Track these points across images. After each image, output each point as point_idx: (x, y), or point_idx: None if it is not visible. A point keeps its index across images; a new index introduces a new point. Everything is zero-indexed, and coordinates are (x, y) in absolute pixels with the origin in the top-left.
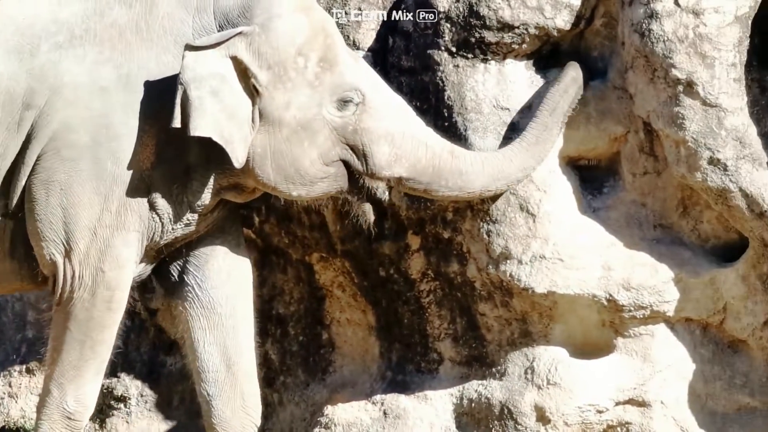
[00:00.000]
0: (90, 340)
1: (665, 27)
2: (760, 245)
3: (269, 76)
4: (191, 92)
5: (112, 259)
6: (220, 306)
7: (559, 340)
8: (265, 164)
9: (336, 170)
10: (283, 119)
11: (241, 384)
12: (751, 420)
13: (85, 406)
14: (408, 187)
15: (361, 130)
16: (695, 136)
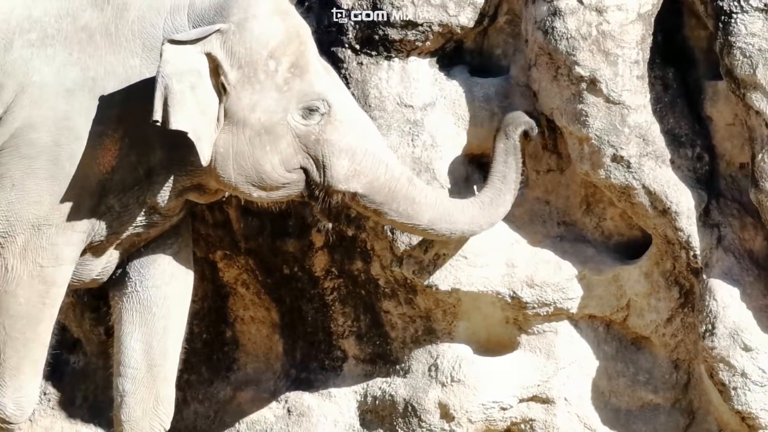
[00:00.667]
0: (23, 338)
1: (568, 24)
2: (663, 242)
3: (239, 75)
4: (174, 85)
5: (52, 256)
6: (156, 306)
7: (463, 337)
8: (227, 164)
9: (297, 177)
10: (248, 120)
11: (158, 387)
12: (654, 416)
13: (23, 410)
14: (360, 205)
15: (323, 141)
16: (598, 134)
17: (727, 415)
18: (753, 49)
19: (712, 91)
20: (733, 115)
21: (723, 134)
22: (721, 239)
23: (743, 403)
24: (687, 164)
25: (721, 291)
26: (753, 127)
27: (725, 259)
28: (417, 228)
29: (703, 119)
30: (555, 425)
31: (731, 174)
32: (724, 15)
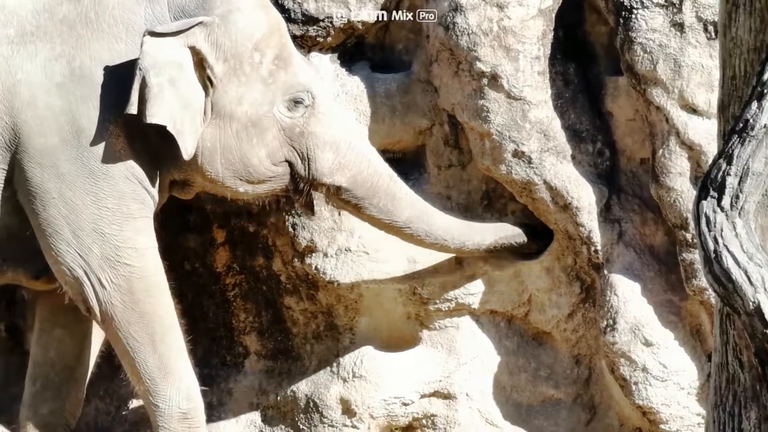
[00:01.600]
0: (156, 335)
1: (470, 20)
2: (564, 237)
3: (225, 68)
4: (151, 79)
5: (131, 251)
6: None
7: (365, 333)
8: (215, 159)
9: (283, 170)
10: (235, 114)
11: (69, 388)
12: (555, 411)
13: (195, 400)
14: (342, 199)
15: (308, 133)
16: (500, 129)
17: (628, 410)
18: (653, 44)
19: (612, 87)
20: (634, 110)
21: (624, 130)
22: (621, 234)
23: (644, 397)
24: (588, 160)
25: (622, 286)
26: (653, 122)
27: (626, 255)
28: (394, 225)
29: (604, 115)
30: (456, 420)
31: (632, 169)
32: (624, 11)
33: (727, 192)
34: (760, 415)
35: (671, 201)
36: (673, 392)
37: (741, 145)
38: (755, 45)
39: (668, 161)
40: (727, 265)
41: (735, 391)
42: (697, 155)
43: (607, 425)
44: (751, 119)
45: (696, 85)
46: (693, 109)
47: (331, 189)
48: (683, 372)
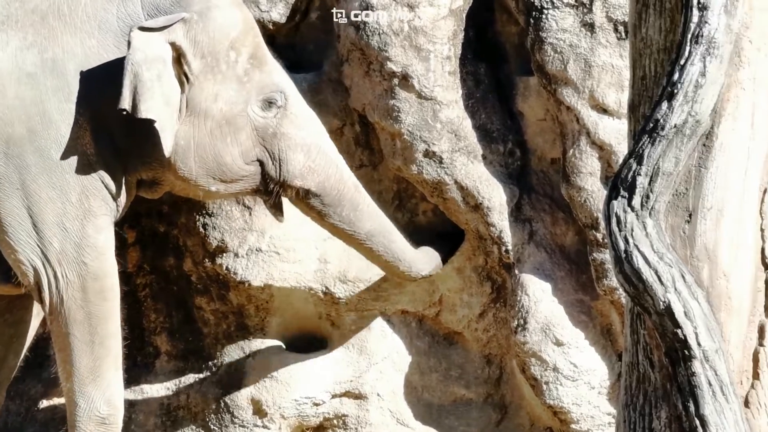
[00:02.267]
0: (97, 338)
1: (380, 20)
2: (475, 237)
3: (202, 65)
4: (144, 73)
5: (91, 249)
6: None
7: (276, 333)
8: (188, 156)
9: (255, 170)
10: (210, 111)
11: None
12: (466, 411)
13: (116, 407)
14: (308, 204)
15: (280, 134)
16: (411, 129)
17: (539, 410)
18: (564, 44)
19: (523, 87)
20: (545, 110)
21: (534, 130)
22: (532, 234)
23: (555, 397)
24: (499, 160)
25: (533, 286)
26: (564, 122)
27: (537, 254)
28: (355, 236)
29: (515, 115)
30: (368, 420)
31: (543, 169)
32: (535, 11)
33: (637, 192)
34: (670, 414)
35: (582, 201)
36: (584, 392)
37: (651, 145)
38: (665, 45)
39: (579, 161)
40: (637, 265)
41: (646, 391)
42: (607, 155)
43: (517, 425)
44: (661, 119)
45: (606, 85)
46: (603, 109)
47: (300, 192)
48: (594, 371)
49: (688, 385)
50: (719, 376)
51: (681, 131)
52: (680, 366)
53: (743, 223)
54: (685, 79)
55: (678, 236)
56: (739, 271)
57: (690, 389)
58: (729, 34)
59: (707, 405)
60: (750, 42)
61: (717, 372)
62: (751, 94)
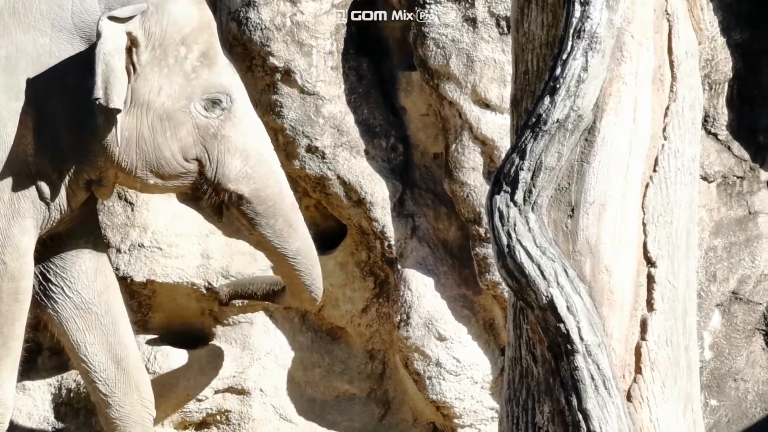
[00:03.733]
0: (1, 337)
1: (262, 15)
2: (358, 232)
3: (150, 57)
4: (116, 63)
5: (13, 249)
6: (94, 305)
7: (159, 329)
8: (131, 148)
9: (194, 168)
10: (152, 104)
11: (134, 377)
12: (350, 406)
13: (5, 407)
14: (241, 210)
15: (221, 136)
16: (293, 124)
17: (422, 405)
18: (446, 39)
19: (406, 82)
20: (427, 105)
21: (417, 125)
22: (415, 229)
23: (438, 392)
24: (381, 155)
25: (416, 281)
26: (447, 117)
27: (420, 249)
28: (283, 253)
29: (398, 110)
30: (251, 416)
31: (425, 164)
32: (417, 6)
33: (520, 186)
34: (553, 408)
35: (464, 196)
36: (467, 386)
37: (534, 139)
38: (547, 40)
39: (461, 156)
40: (520, 260)
41: (528, 385)
42: (490, 150)
43: (400, 420)
44: (543, 114)
45: (489, 80)
46: (486, 104)
47: (233, 197)
48: (477, 366)
49: (570, 379)
50: (602, 370)
51: (563, 126)
52: (563, 360)
53: (625, 218)
54: (567, 74)
55: (560, 231)
56: (621, 265)
57: (573, 383)
58: (611, 29)
59: (590, 399)
60: (632, 37)
61: (599, 366)
62: (633, 88)
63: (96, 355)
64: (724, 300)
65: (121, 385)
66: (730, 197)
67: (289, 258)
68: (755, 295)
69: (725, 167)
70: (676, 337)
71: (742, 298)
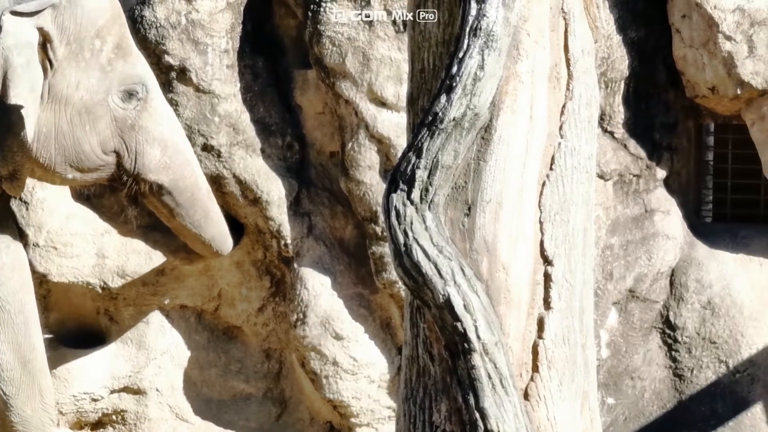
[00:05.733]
0: None
1: (158, 13)
2: (254, 231)
3: (66, 52)
4: (14, 58)
5: None
6: (8, 303)
7: (54, 328)
8: (49, 144)
9: (112, 160)
10: (71, 98)
11: (39, 381)
12: (246, 406)
13: None
14: (160, 200)
15: (138, 127)
16: (189, 123)
17: (318, 404)
18: (342, 38)
19: (301, 80)
20: (323, 103)
21: (313, 123)
22: (312, 228)
23: (335, 391)
24: (277, 153)
25: (313, 280)
26: (343, 115)
27: (316, 248)
28: (198, 239)
29: (294, 108)
30: (147, 416)
31: (321, 163)
32: (313, 4)
33: (416, 185)
34: (450, 407)
35: (360, 194)
36: (364, 385)
37: (430, 138)
38: (444, 38)
39: (357, 154)
40: (416, 258)
41: (426, 384)
42: (386, 148)
43: (297, 419)
44: (440, 112)
45: (385, 78)
46: (382, 102)
47: (153, 187)
48: (374, 365)
49: (467, 378)
50: (498, 368)
51: (460, 124)
52: (460, 359)
53: (522, 216)
54: (463, 72)
55: (457, 229)
56: (518, 263)
57: (470, 382)
58: (507, 26)
59: (487, 398)
60: (528, 35)
61: (496, 365)
62: (529, 86)
63: (4, 353)
64: (620, 298)
65: (25, 388)
66: (626, 195)
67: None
68: (652, 293)
69: (622, 165)
70: (573, 335)
71: (638, 296)
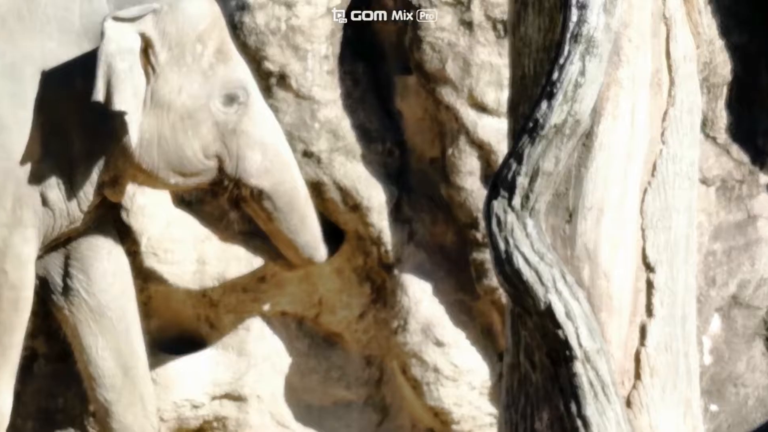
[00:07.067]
0: (0, 346)
1: (257, 19)
2: (354, 238)
3: (168, 57)
4: (117, 64)
5: (14, 258)
6: (110, 309)
7: (155, 335)
8: (152, 149)
9: (214, 164)
10: (173, 104)
11: (140, 388)
12: (347, 413)
13: (2, 415)
14: (259, 205)
15: (239, 131)
16: (289, 129)
17: (420, 411)
18: (442, 43)
19: (402, 86)
20: (424, 109)
21: (414, 129)
22: (412, 234)
23: (436, 398)
24: (378, 159)
25: (413, 286)
26: (443, 121)
27: (417, 255)
28: (291, 244)
29: (394, 114)
30: (248, 423)
31: (422, 169)
32: (413, 9)
33: (517, 192)
34: (552, 415)
35: (461, 200)
36: (465, 392)
37: (531, 144)
38: (544, 44)
39: (458, 160)
40: (518, 266)
41: (527, 392)
42: (487, 154)
43: (398, 426)
44: (540, 119)
45: (485, 83)
46: (482, 107)
47: (253, 192)
48: (475, 372)
49: (569, 385)
50: (600, 376)
51: (561, 131)
52: (561, 366)
53: (623, 223)
54: (564, 79)
55: (558, 236)
56: (620, 270)
57: (571, 390)
58: (608, 32)
59: (589, 406)
60: (629, 40)
61: (598, 372)
62: (630, 93)
63: (105, 360)
64: (723, 305)
65: (127, 395)
66: (729, 201)
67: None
68: (755, 299)
69: (724, 171)
70: (675, 342)
71: (741, 302)
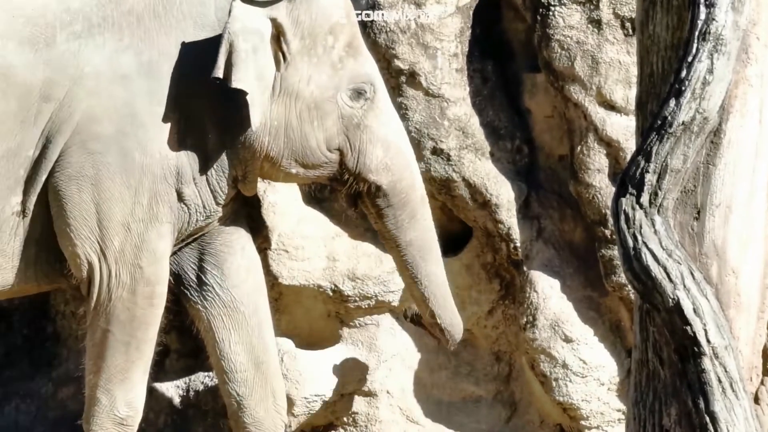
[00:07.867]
0: (135, 341)
1: (387, 18)
2: (483, 234)
3: (300, 46)
4: (239, 44)
5: (149, 254)
6: (243, 304)
7: (285, 331)
8: (279, 137)
9: (335, 158)
10: (301, 93)
11: (272, 383)
12: (476, 408)
13: (136, 410)
14: (374, 201)
15: (363, 126)
16: (418, 126)
17: (548, 407)
18: (571, 41)
19: (530, 84)
20: (552, 107)
21: (542, 126)
22: (541, 231)
23: (564, 394)
24: (506, 156)
25: (542, 282)
26: (572, 119)
27: (545, 251)
28: (397, 241)
29: (522, 112)
30: (378, 418)
31: (551, 166)
32: (542, 7)
33: (645, 189)
34: (680, 411)
35: (590, 197)
36: (594, 388)
37: (659, 142)
38: (672, 42)
39: (587, 158)
40: (646, 262)
41: (655, 388)
42: (615, 152)
43: (527, 421)
44: (669, 116)
45: (614, 81)
46: (611, 105)
47: (371, 188)
48: (603, 368)
49: (697, 381)
50: (729, 372)
51: (689, 128)
52: (690, 363)
53: (752, 220)
54: (692, 76)
55: (686, 233)
56: (748, 267)
57: (700, 386)
58: (736, 30)
59: (717, 402)
60: (757, 38)
61: (726, 368)
62: (758, 90)
63: (238, 354)
64: None
65: (259, 389)
66: None
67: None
68: None
69: None
70: None
71: None
